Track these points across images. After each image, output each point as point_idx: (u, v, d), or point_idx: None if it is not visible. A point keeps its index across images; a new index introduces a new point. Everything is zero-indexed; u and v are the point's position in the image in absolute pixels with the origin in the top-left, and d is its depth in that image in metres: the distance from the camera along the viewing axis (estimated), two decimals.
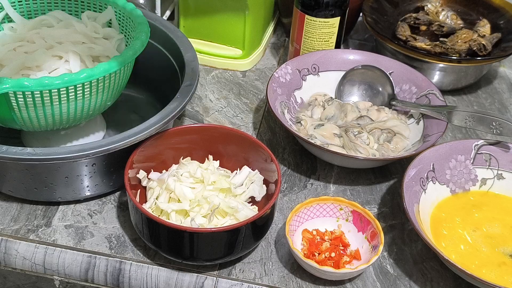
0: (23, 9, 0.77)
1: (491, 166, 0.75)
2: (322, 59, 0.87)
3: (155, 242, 0.62)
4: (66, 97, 0.63)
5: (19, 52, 0.73)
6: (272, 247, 0.68)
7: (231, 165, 0.72)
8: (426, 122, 0.80)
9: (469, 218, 0.71)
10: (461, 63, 0.89)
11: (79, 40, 0.74)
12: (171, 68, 0.79)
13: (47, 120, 0.66)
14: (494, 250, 0.68)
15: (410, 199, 0.68)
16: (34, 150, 0.62)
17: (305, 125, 0.80)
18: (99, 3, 0.77)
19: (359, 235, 0.68)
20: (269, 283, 0.64)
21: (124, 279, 0.65)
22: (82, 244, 0.66)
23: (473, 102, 0.94)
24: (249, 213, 0.64)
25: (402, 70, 0.86)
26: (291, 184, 0.76)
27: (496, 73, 1.01)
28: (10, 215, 0.68)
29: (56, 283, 0.67)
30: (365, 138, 0.78)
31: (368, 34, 1.06)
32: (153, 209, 0.66)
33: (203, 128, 0.72)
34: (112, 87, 0.67)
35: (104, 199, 0.71)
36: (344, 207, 0.69)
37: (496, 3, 0.99)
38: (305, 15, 0.85)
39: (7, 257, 0.66)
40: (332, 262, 0.64)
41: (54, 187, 0.67)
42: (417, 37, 0.93)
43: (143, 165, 0.68)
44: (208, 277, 0.64)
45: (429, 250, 0.68)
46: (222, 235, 0.60)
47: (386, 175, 0.78)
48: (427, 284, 0.65)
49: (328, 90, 0.87)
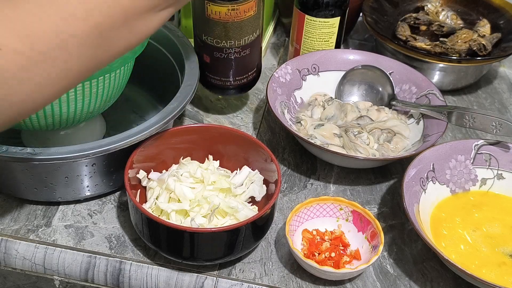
0: None
1: (491, 166, 0.75)
2: (322, 59, 0.87)
3: (155, 242, 0.62)
4: (66, 97, 0.63)
5: None
6: (272, 247, 0.68)
7: (231, 165, 0.72)
8: (426, 122, 0.80)
9: (469, 218, 0.71)
10: (461, 63, 0.89)
11: None
12: (171, 68, 0.79)
13: (47, 120, 0.66)
14: (494, 250, 0.68)
15: (410, 199, 0.68)
16: (34, 150, 0.62)
17: (305, 125, 0.80)
18: None
19: (359, 235, 0.68)
20: (269, 283, 0.64)
21: (124, 279, 0.65)
22: (82, 244, 0.66)
23: (473, 102, 0.94)
24: (249, 213, 0.64)
25: (402, 70, 0.86)
26: (291, 184, 0.76)
27: (496, 73, 1.01)
28: (10, 215, 0.68)
29: (56, 283, 0.67)
30: (365, 138, 0.78)
31: (368, 34, 1.06)
32: (153, 209, 0.66)
33: (203, 128, 0.72)
34: (112, 87, 0.67)
35: (104, 199, 0.71)
36: (344, 207, 0.69)
37: (496, 3, 0.99)
38: (305, 15, 0.85)
39: (7, 257, 0.66)
40: (332, 262, 0.64)
41: (54, 187, 0.67)
42: (417, 37, 0.93)
43: (143, 165, 0.68)
44: (208, 277, 0.64)
45: (429, 250, 0.68)
46: (222, 235, 0.60)
47: (386, 175, 0.78)
48: (427, 284, 0.65)
49: (328, 90, 0.87)
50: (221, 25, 0.71)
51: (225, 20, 0.70)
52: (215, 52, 0.74)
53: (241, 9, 0.70)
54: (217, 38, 0.72)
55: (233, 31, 0.71)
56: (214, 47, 0.74)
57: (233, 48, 0.73)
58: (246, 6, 0.70)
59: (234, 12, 0.69)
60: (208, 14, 0.70)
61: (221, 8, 0.69)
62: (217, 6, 0.69)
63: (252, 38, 0.74)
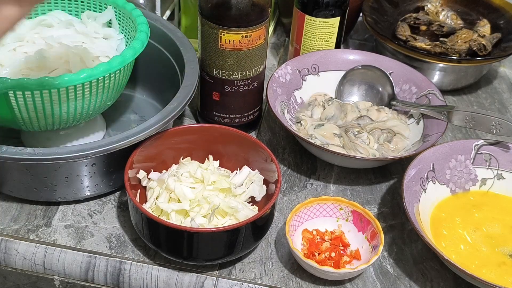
0: None
1: (491, 166, 0.75)
2: (322, 59, 0.87)
3: (155, 242, 0.62)
4: (66, 97, 0.63)
5: (19, 52, 0.73)
6: (272, 247, 0.68)
7: (231, 165, 0.72)
8: (426, 122, 0.80)
9: (469, 218, 0.71)
10: (461, 63, 0.89)
11: (79, 40, 0.74)
12: (171, 68, 0.79)
13: (47, 120, 0.66)
14: (494, 250, 0.68)
15: (410, 199, 0.68)
16: (34, 150, 0.62)
17: (305, 125, 0.80)
18: (99, 3, 0.77)
19: (359, 235, 0.68)
20: (269, 283, 0.64)
21: (124, 279, 0.65)
22: (82, 244, 0.66)
23: (473, 102, 0.94)
24: (249, 213, 0.64)
25: (402, 70, 0.86)
26: (291, 184, 0.76)
27: (496, 73, 1.01)
28: (10, 215, 0.68)
29: (56, 283, 0.67)
30: (365, 138, 0.78)
31: (368, 34, 1.06)
32: (153, 209, 0.66)
33: (203, 128, 0.72)
34: (112, 87, 0.67)
35: (104, 199, 0.71)
36: (344, 207, 0.69)
37: (496, 3, 0.99)
38: (305, 15, 0.85)
39: (7, 257, 0.66)
40: (332, 262, 0.64)
41: (54, 187, 0.67)
42: (417, 37, 0.93)
43: (143, 165, 0.68)
44: (208, 277, 0.64)
45: (429, 250, 0.68)
46: (222, 235, 0.60)
47: (386, 175, 0.78)
48: (427, 284, 0.65)
49: (328, 90, 0.87)
50: (234, 55, 0.73)
51: (238, 49, 0.72)
52: (226, 86, 0.76)
53: (253, 36, 0.72)
54: (229, 70, 0.74)
55: (245, 60, 0.73)
56: (226, 81, 0.75)
57: (244, 80, 0.75)
58: (258, 33, 0.72)
59: (248, 39, 0.71)
60: (222, 45, 0.72)
61: (235, 36, 0.71)
62: (231, 34, 0.71)
63: (260, 69, 0.77)
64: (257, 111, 0.81)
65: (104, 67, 0.63)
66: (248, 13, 0.71)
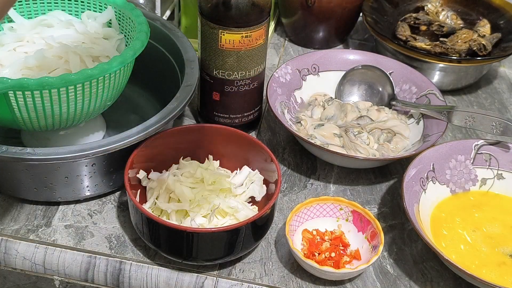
0: (23, 9, 0.77)
1: (491, 166, 0.75)
2: (322, 59, 0.87)
3: (155, 242, 0.62)
4: (66, 97, 0.63)
5: (19, 52, 0.73)
6: (272, 247, 0.68)
7: (231, 165, 0.72)
8: (426, 122, 0.80)
9: (469, 218, 0.71)
10: (461, 63, 0.89)
11: (79, 40, 0.74)
12: (171, 68, 0.79)
13: (47, 120, 0.66)
14: (494, 250, 0.68)
15: (410, 199, 0.68)
16: (34, 150, 0.62)
17: (305, 125, 0.80)
18: (99, 3, 0.77)
19: (359, 235, 0.68)
20: (269, 283, 0.64)
21: (124, 279, 0.65)
22: (82, 244, 0.66)
23: (473, 102, 0.94)
24: (249, 213, 0.65)
25: (402, 70, 0.86)
26: (291, 184, 0.76)
27: (496, 73, 1.01)
28: (10, 215, 0.68)
29: (56, 283, 0.67)
30: (365, 138, 0.78)
31: (368, 34, 1.06)
32: (153, 209, 0.66)
33: (203, 128, 0.72)
34: (112, 87, 0.67)
35: (104, 199, 0.71)
36: (344, 207, 0.69)
37: (496, 3, 0.99)
38: None
39: (7, 257, 0.66)
40: (332, 262, 0.64)
41: (54, 187, 0.67)
42: (417, 37, 0.93)
43: (143, 165, 0.68)
44: (208, 277, 0.64)
45: (429, 250, 0.68)
46: (222, 235, 0.60)
47: (386, 175, 0.78)
48: (427, 284, 0.65)
49: (328, 90, 0.87)
50: (234, 55, 0.73)
51: (238, 49, 0.72)
52: (226, 86, 0.76)
53: (253, 36, 0.72)
54: (229, 70, 0.74)
55: (245, 60, 0.73)
56: (225, 81, 0.75)
57: (244, 80, 0.75)
58: (258, 33, 0.72)
59: (247, 39, 0.71)
60: (222, 45, 0.72)
61: (235, 36, 0.71)
62: (231, 34, 0.71)
63: (260, 69, 0.76)
64: (257, 111, 0.81)
65: (104, 67, 0.63)
66: (248, 13, 0.71)
